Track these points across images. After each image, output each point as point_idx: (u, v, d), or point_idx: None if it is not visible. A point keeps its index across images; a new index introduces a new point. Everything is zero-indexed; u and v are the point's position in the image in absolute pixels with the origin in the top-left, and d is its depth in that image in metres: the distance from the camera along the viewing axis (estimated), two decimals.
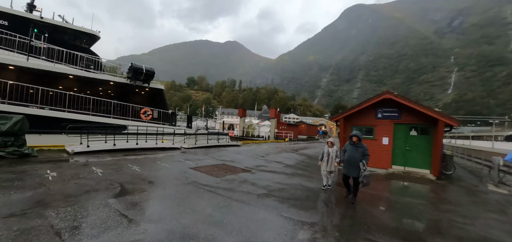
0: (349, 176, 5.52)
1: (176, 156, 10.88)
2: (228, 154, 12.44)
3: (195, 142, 14.50)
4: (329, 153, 6.31)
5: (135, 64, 14.77)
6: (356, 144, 5.52)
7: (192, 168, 8.23)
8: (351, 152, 5.50)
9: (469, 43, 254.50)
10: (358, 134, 5.56)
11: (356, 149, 5.48)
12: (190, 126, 17.89)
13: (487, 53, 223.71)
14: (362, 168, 5.26)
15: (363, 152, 5.45)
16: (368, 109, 10.81)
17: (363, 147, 5.51)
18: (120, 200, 4.63)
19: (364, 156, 5.41)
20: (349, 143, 5.66)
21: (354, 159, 5.40)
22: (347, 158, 5.53)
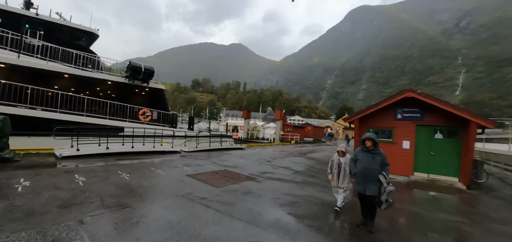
0: (366, 194, 4.15)
1: (174, 160, 9.96)
2: (231, 159, 11.47)
3: (196, 145, 13.59)
4: (340, 163, 4.99)
5: (133, 62, 14.00)
6: (371, 150, 4.24)
7: (190, 175, 7.28)
8: (366, 161, 4.21)
9: (477, 44, 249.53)
10: (372, 137, 4.25)
11: (372, 157, 4.20)
12: (192, 128, 17.02)
13: (495, 54, 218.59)
14: (384, 182, 3.95)
15: (382, 160, 4.20)
16: (386, 110, 9.72)
17: (380, 153, 4.24)
18: (92, 220, 3.69)
19: (384, 166, 4.19)
20: (361, 148, 4.39)
21: (371, 170, 4.11)
22: (361, 169, 4.22)
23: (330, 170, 5.16)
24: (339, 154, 5.05)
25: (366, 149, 4.29)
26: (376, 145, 4.26)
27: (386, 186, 3.92)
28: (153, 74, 14.75)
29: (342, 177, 4.93)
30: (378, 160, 4.17)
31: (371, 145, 4.26)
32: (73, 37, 15.07)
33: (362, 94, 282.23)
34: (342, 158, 5.01)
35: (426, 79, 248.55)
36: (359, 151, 4.43)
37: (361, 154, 4.34)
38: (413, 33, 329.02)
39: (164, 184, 6.04)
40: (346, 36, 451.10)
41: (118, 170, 7.24)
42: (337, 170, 5.00)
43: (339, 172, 4.95)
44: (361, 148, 4.39)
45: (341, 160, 5.00)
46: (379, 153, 4.24)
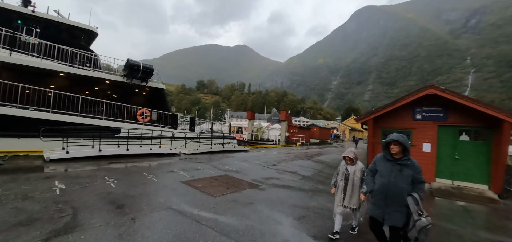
0: (385, 222, 2.95)
1: (172, 164, 9.22)
2: (233, 162, 10.68)
3: (196, 147, 12.84)
4: (348, 173, 3.75)
5: (131, 60, 13.37)
6: (398, 160, 2.93)
7: (185, 181, 6.51)
8: (390, 175, 2.92)
9: (486, 43, 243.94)
10: (402, 140, 2.88)
11: (398, 169, 2.89)
12: (193, 129, 16.30)
13: (506, 53, 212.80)
14: (414, 210, 2.69)
15: (414, 175, 2.86)
16: (403, 109, 8.80)
17: (412, 165, 2.89)
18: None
19: (417, 184, 2.87)
20: (384, 156, 3.08)
21: (397, 189, 2.84)
22: (382, 187, 2.96)
23: (334, 180, 3.97)
24: (347, 160, 3.83)
25: (391, 157, 2.96)
26: (406, 152, 2.89)
27: (418, 217, 2.64)
28: (152, 72, 14.10)
29: (349, 192, 3.68)
30: (408, 175, 2.83)
31: (398, 152, 2.90)
32: (72, 36, 14.53)
33: (368, 95, 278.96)
34: (351, 167, 3.77)
35: (434, 80, 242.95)
36: (381, 159, 3.12)
37: (383, 164, 3.03)
38: (420, 33, 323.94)
39: (153, 193, 5.27)
40: (352, 36, 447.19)
41: (106, 175, 6.51)
42: (343, 182, 3.75)
43: (346, 185, 3.71)
44: (384, 155, 3.07)
45: (349, 169, 3.76)
46: (410, 163, 2.87)
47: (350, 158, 3.78)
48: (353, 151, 3.87)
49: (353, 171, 3.73)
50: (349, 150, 3.91)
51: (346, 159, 3.84)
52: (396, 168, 2.91)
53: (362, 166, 3.81)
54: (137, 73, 13.40)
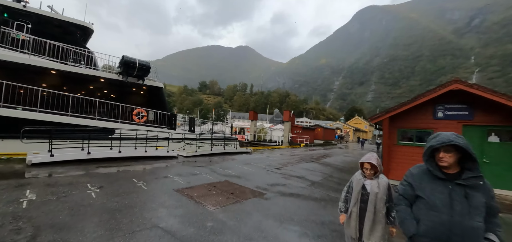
0: None
1: (168, 168, 8.43)
2: (234, 165, 9.86)
3: (195, 149, 12.05)
4: (367, 193, 2.49)
5: (126, 57, 12.61)
6: (458, 178, 1.72)
7: (179, 190, 5.70)
8: (449, 206, 1.70)
9: (490, 43, 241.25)
10: (461, 143, 1.66)
11: (462, 194, 1.69)
12: (193, 129, 15.51)
13: (510, 52, 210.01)
14: None
15: (489, 203, 1.67)
16: (422, 107, 7.93)
17: (485, 186, 1.70)
18: None
19: (492, 219, 1.70)
20: (427, 170, 1.86)
21: (466, 231, 1.64)
22: (435, 227, 1.73)
23: (343, 204, 2.71)
24: (366, 171, 2.50)
25: (442, 174, 1.78)
26: (473, 164, 1.69)
27: None
28: (149, 70, 13.35)
29: (369, 222, 2.41)
30: (479, 204, 1.65)
31: (454, 163, 1.74)
32: (66, 32, 13.83)
33: (371, 96, 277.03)
34: (371, 182, 2.47)
35: (437, 80, 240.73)
36: (423, 176, 1.87)
37: (431, 186, 1.80)
38: (423, 32, 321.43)
39: (139, 206, 4.46)
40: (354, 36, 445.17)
41: (90, 182, 5.73)
42: (358, 206, 2.50)
43: (364, 210, 2.46)
44: (426, 169, 1.86)
45: (368, 186, 2.48)
46: (480, 185, 1.69)
47: (372, 166, 2.45)
48: (375, 157, 2.50)
49: (375, 189, 2.41)
50: (369, 156, 2.53)
51: (366, 167, 2.49)
52: (458, 194, 1.69)
53: (387, 182, 2.50)
54: (133, 71, 12.65)
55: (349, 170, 10.94)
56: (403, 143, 8.29)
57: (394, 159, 8.27)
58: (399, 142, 8.32)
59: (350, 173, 10.25)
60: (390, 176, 8.25)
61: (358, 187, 2.54)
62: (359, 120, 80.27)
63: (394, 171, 8.26)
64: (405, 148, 8.21)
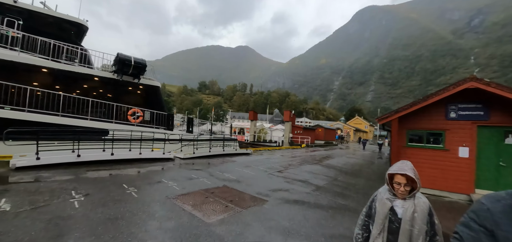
0: None
1: (163, 171, 7.94)
2: (234, 168, 9.37)
3: (193, 151, 11.55)
4: (395, 216, 1.80)
5: (121, 54, 12.11)
6: None
7: (173, 197, 5.21)
8: None
9: (490, 43, 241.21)
10: None
11: None
12: (191, 130, 15.02)
13: (510, 52, 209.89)
14: None
15: None
16: (434, 107, 7.44)
17: None
18: None
19: None
20: None
21: None
22: None
23: (360, 231, 2.02)
24: (398, 187, 1.81)
25: None
26: None
27: None
28: (145, 68, 12.85)
29: None
30: None
31: None
32: (60, 29, 13.33)
33: (371, 96, 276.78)
34: (403, 203, 1.79)
35: (437, 80, 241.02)
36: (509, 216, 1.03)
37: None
38: (423, 33, 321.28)
39: (127, 217, 3.97)
40: (354, 36, 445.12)
41: (76, 188, 5.24)
42: (384, 238, 1.81)
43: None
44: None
45: (398, 207, 1.80)
46: None
47: (409, 179, 1.76)
48: (410, 164, 1.85)
49: (411, 215, 1.72)
50: (402, 163, 1.88)
51: (398, 181, 1.80)
52: None
53: (429, 206, 1.77)
54: (128, 69, 12.15)
55: (355, 173, 10.46)
56: (412, 145, 7.80)
57: None
58: (408, 144, 7.84)
59: (356, 176, 9.82)
60: None
61: (385, 210, 1.80)
62: (359, 120, 79.85)
63: None
64: (415, 150, 7.73)
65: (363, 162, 14.81)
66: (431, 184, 7.43)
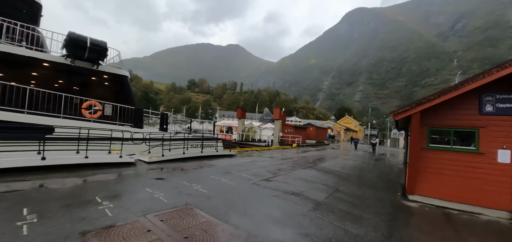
0: None
1: (110, 183, 5.87)
2: (209, 176, 7.39)
3: (162, 153, 9.45)
4: None
5: (73, 33, 9.83)
6: None
7: (93, 231, 3.21)
8: None
9: (472, 46, 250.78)
10: None
11: None
12: (165, 128, 12.88)
13: (490, 56, 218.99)
14: None
15: None
16: (464, 98, 5.80)
17: None
18: None
19: None
20: None
21: None
22: None
23: None
24: None
25: None
26: None
27: None
28: (105, 52, 10.62)
29: None
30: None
31: None
32: (9, 7, 10.84)
33: (359, 96, 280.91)
34: None
35: (422, 81, 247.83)
36: None
37: None
38: (409, 35, 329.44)
39: None
40: (343, 37, 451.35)
41: None
42: None
43: None
44: None
45: None
46: None
47: None
48: None
49: None
50: None
51: None
52: None
53: None
54: (83, 52, 9.88)
55: (357, 180, 8.75)
56: (435, 147, 6.13)
57: (424, 168, 6.11)
58: (429, 146, 6.16)
59: (360, 185, 7.91)
60: (418, 190, 6.08)
61: None
62: (349, 119, 79.55)
63: (424, 185, 6.10)
64: (439, 153, 6.06)
65: (361, 165, 13.21)
66: (460, 197, 5.78)
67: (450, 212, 5.64)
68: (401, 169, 12.60)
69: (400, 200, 6.30)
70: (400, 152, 29.34)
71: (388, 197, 6.52)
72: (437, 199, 5.97)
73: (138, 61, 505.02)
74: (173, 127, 17.48)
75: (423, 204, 5.99)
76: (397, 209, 5.63)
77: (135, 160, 8.46)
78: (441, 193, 5.94)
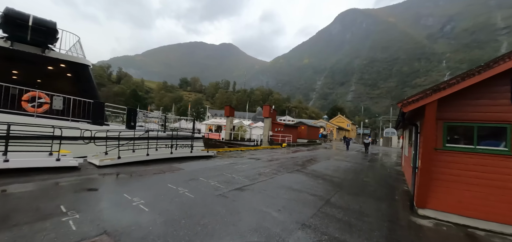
0: None
1: (31, 197, 4.23)
2: (165, 185, 5.82)
3: (119, 154, 7.80)
4: None
5: (10, 9, 8.06)
6: None
7: None
8: None
9: (460, 48, 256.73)
10: None
11: None
12: (133, 125, 11.18)
13: (478, 58, 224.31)
14: None
15: None
16: (490, 84, 4.45)
17: None
18: None
19: None
20: None
21: None
22: None
23: None
24: None
25: None
26: None
27: None
28: (54, 34, 8.91)
29: None
30: None
31: None
32: None
33: (351, 96, 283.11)
34: None
35: (412, 82, 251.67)
36: None
37: None
38: (400, 36, 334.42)
39: None
40: (336, 38, 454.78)
41: None
42: None
43: None
44: None
45: None
46: None
47: None
48: None
49: None
50: None
51: None
52: None
53: None
54: (24, 33, 8.14)
55: (353, 187, 7.35)
56: (454, 148, 4.76)
57: (439, 175, 4.74)
58: (446, 146, 4.78)
59: (356, 194, 5.21)
60: (431, 203, 4.70)
61: None
62: (342, 118, 78.96)
63: (439, 196, 4.72)
64: (458, 156, 4.69)
65: (356, 166, 11.88)
66: (487, 212, 4.43)
67: (474, 233, 4.28)
68: (399, 171, 11.35)
69: (408, 215, 4.91)
70: (394, 151, 28.39)
71: (393, 212, 5.12)
72: (457, 215, 4.61)
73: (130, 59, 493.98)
74: (152, 125, 15.77)
75: (439, 222, 4.62)
76: (407, 229, 4.24)
77: (79, 164, 6.79)
78: (461, 207, 4.58)
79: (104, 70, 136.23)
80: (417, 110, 4.80)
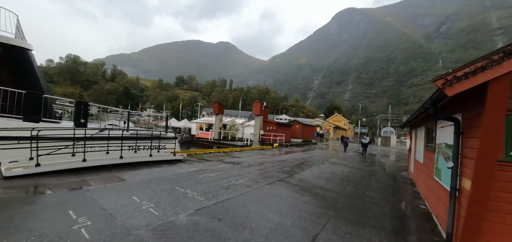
0: None
1: None
2: (58, 214, 3.85)
3: (37, 160, 5.81)
4: None
5: None
6: None
7: None
8: None
9: (456, 48, 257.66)
10: None
11: None
12: (83, 122, 9.14)
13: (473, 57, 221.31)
14: None
15: None
16: None
17: None
18: None
19: None
20: None
21: None
22: None
23: None
24: None
25: None
26: None
27: None
28: None
29: None
30: None
31: None
32: None
33: (348, 95, 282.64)
34: None
35: (409, 81, 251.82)
36: None
37: None
38: (397, 36, 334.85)
39: None
40: (333, 37, 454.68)
41: None
42: None
43: None
44: None
45: None
46: None
47: None
48: None
49: None
50: None
51: None
52: None
53: None
54: None
55: (351, 207, 5.42)
56: None
57: (498, 204, 2.83)
58: (510, 155, 2.87)
59: (358, 223, 3.69)
60: None
61: None
62: (339, 117, 77.36)
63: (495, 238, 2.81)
64: None
65: (355, 173, 9.97)
66: None
67: None
68: (406, 178, 9.50)
69: None
70: (393, 151, 26.64)
71: None
72: None
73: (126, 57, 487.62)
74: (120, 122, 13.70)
75: None
76: None
77: None
78: None
79: (98, 68, 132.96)
80: (463, 95, 2.87)
